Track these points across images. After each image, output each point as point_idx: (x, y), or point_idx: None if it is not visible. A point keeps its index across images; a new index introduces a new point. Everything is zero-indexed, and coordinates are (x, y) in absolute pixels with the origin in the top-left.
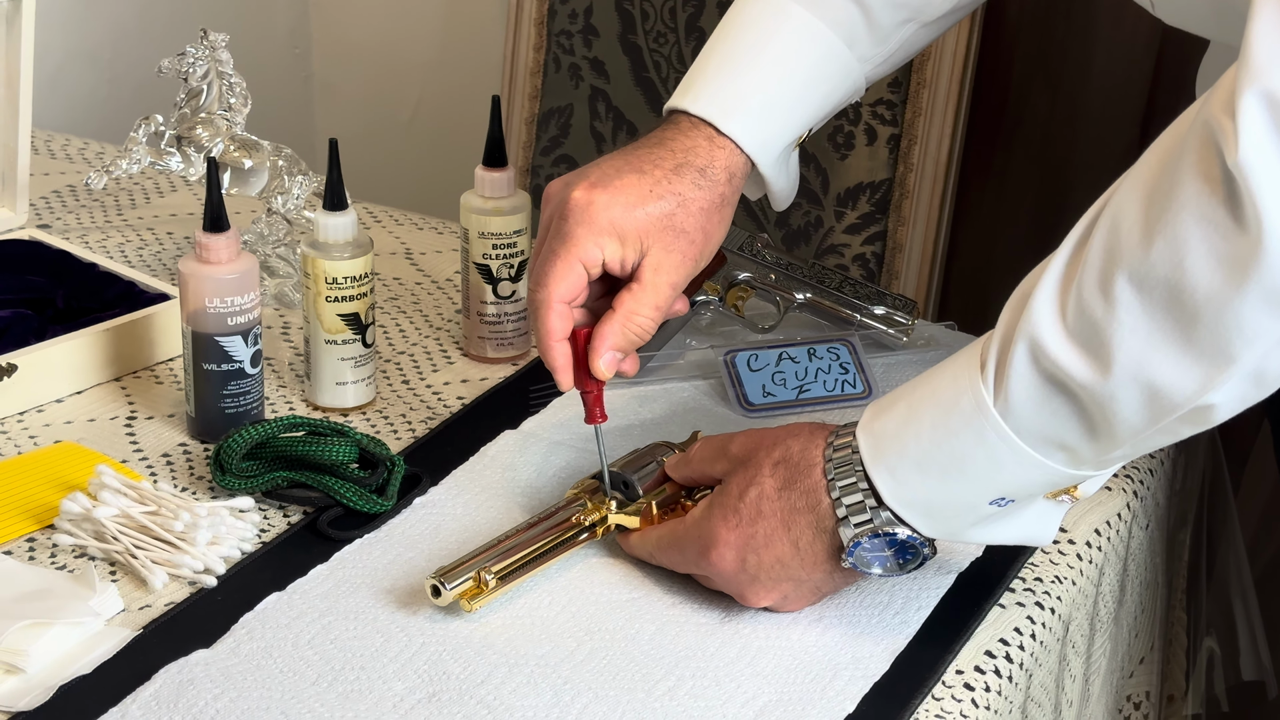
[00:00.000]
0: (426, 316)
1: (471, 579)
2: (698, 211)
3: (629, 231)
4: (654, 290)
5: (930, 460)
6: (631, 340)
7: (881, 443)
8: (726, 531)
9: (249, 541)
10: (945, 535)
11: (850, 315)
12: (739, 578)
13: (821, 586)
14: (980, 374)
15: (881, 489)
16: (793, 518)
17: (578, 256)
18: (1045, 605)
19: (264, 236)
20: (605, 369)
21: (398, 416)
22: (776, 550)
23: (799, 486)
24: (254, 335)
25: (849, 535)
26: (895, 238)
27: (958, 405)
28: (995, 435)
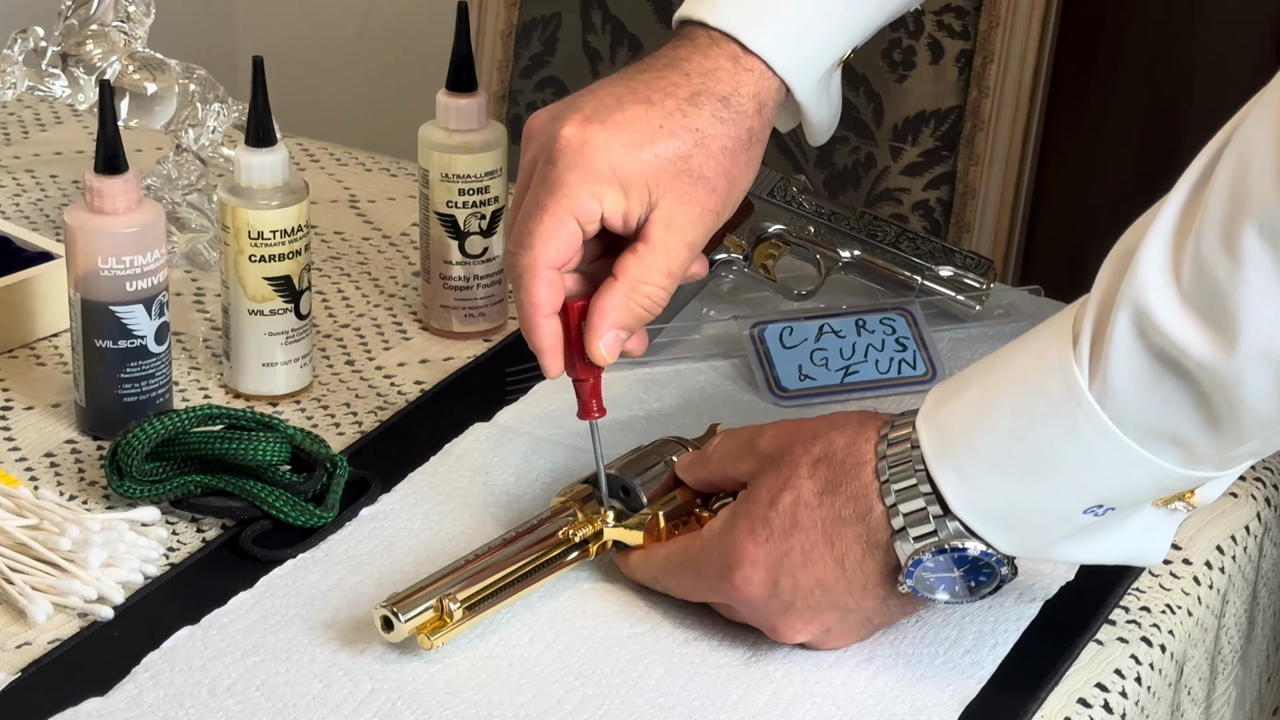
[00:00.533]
0: (376, 281)
1: (432, 609)
2: (719, 152)
3: (634, 178)
4: (666, 252)
5: (1010, 458)
6: (639, 315)
7: (948, 436)
8: (754, 547)
9: (154, 563)
10: (1028, 553)
11: (909, 278)
12: (770, 606)
13: (873, 617)
14: (1072, 350)
15: (948, 494)
16: (837, 530)
17: (570, 210)
18: (1154, 642)
19: (172, 180)
20: (606, 353)
21: (340, 406)
22: (817, 571)
23: (845, 490)
24: (159, 304)
25: (907, 552)
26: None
27: (1044, 389)
28: (1091, 427)
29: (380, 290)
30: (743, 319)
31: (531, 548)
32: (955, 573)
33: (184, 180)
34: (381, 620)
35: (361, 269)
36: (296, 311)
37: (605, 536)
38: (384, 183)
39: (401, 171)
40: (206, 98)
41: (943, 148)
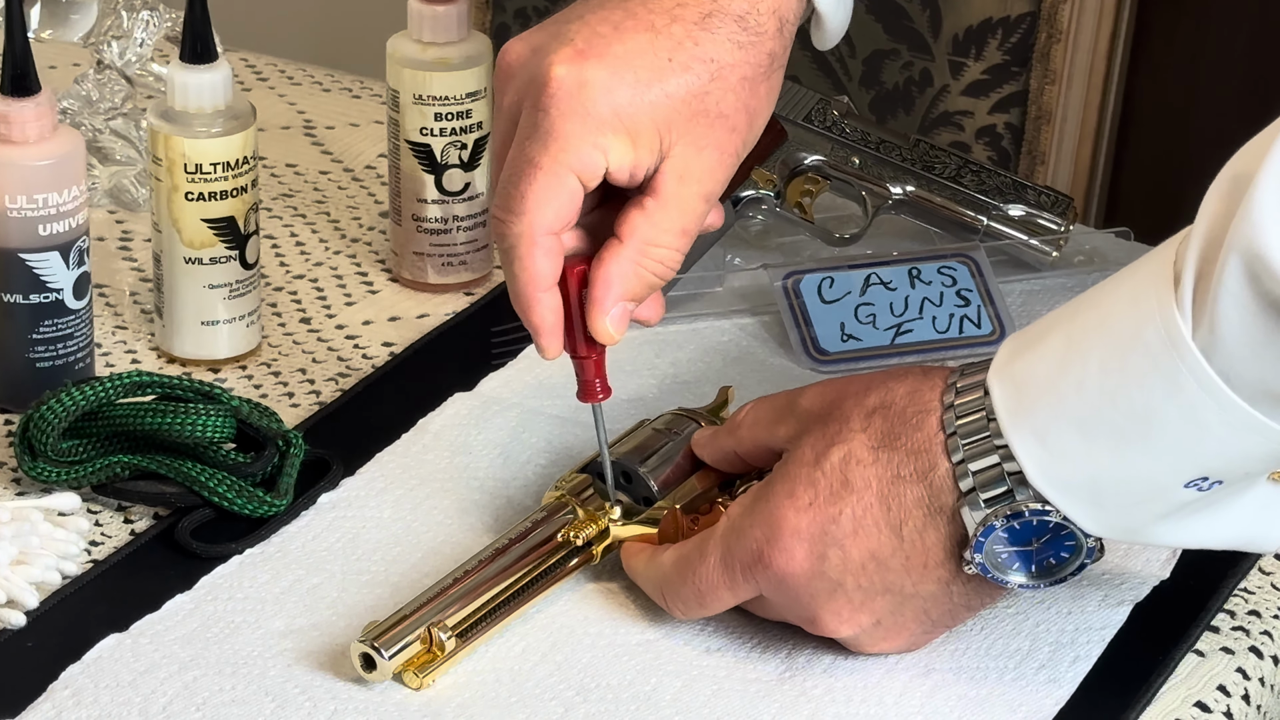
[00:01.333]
0: (337, 223)
1: (419, 640)
2: (739, 84)
3: (643, 124)
4: (680, 207)
5: (1099, 420)
6: (649, 283)
7: (1026, 394)
8: (795, 514)
9: (73, 560)
10: (1120, 535)
11: (973, 219)
12: (813, 586)
13: (931, 608)
14: (1174, 293)
15: (1025, 462)
16: (895, 491)
17: (569, 166)
18: (1265, 652)
19: (92, 103)
20: (614, 329)
21: (295, 373)
22: (870, 541)
23: (905, 444)
24: (78, 251)
25: (977, 519)
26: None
27: (1140, 338)
28: (1195, 383)
29: (341, 235)
30: (774, 268)
31: (527, 556)
32: (1033, 544)
33: (107, 103)
34: (361, 659)
35: (319, 209)
36: (242, 260)
37: (612, 535)
38: (345, 106)
39: (366, 93)
40: (133, 4)
41: (1012, 63)
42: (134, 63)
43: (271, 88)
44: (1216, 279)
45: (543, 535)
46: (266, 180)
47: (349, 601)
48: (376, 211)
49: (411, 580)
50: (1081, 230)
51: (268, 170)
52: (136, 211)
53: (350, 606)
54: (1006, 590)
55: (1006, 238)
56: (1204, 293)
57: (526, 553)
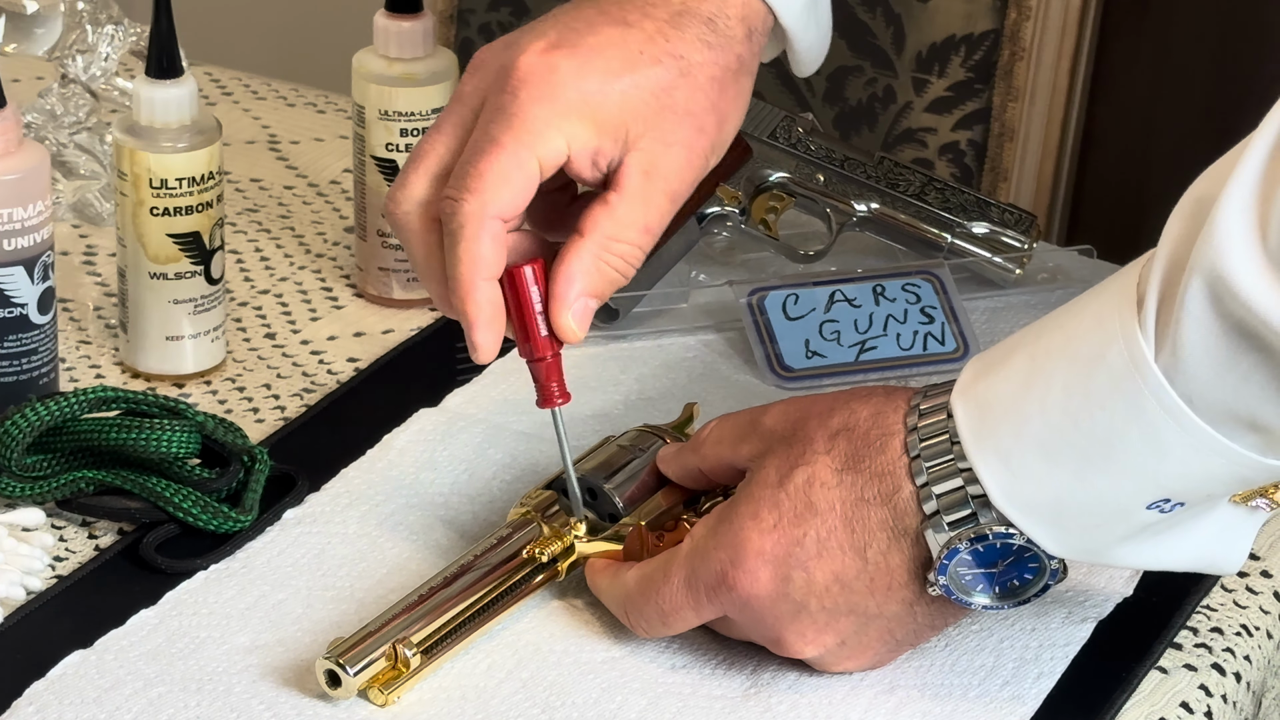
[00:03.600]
0: (302, 239)
1: (385, 657)
2: (707, 83)
3: (608, 111)
4: (644, 202)
5: (1063, 442)
6: (611, 280)
7: (990, 416)
8: (760, 536)
9: (37, 575)
10: (1083, 556)
11: (937, 236)
12: (778, 609)
13: (895, 628)
14: (1136, 315)
15: (989, 483)
16: (859, 513)
17: (531, 149)
18: (1227, 669)
19: (57, 117)
20: (577, 324)
21: (260, 388)
22: (835, 563)
23: (868, 467)
24: (42, 266)
25: (941, 542)
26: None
27: (1103, 360)
28: (1157, 405)
29: (306, 250)
30: (739, 285)
31: (493, 573)
32: (997, 566)
33: (71, 117)
34: (326, 676)
35: (284, 224)
36: (207, 275)
37: (578, 552)
38: (310, 121)
39: (331, 107)
40: (98, 18)
41: (975, 80)
42: (99, 77)
43: (236, 102)
44: (1179, 301)
45: (508, 551)
46: (231, 195)
47: (314, 617)
48: (341, 227)
49: (377, 595)
50: (1045, 248)
51: (233, 185)
52: (101, 226)
53: (316, 622)
54: (970, 610)
55: (970, 255)
56: (1167, 314)
57: (492, 569)
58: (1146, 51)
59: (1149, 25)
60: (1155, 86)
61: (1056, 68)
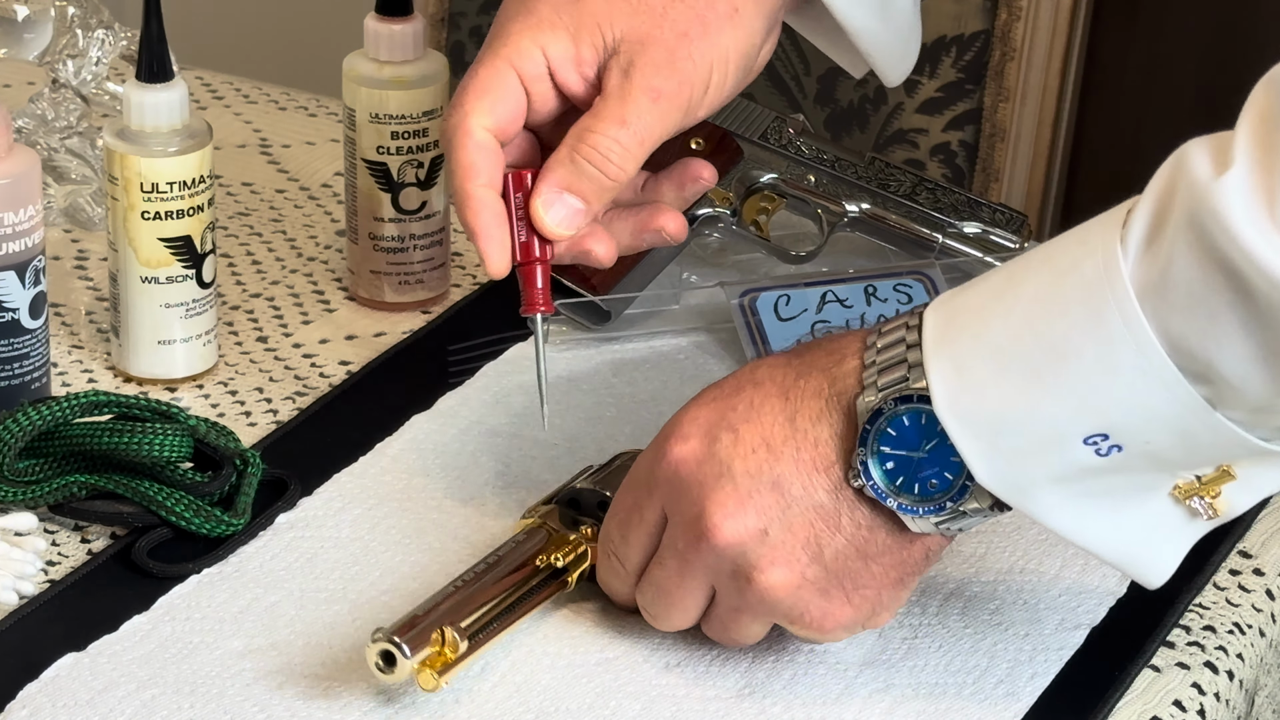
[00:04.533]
0: (293, 242)
1: (434, 640)
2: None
3: (583, 19)
4: (621, 97)
5: (1016, 349)
6: (591, 176)
7: (955, 321)
8: (697, 407)
9: (30, 579)
10: (1009, 490)
11: (928, 236)
12: (702, 470)
13: (816, 521)
14: (1120, 230)
15: (936, 391)
16: (797, 384)
17: (508, 60)
18: (1220, 668)
19: (48, 122)
20: (553, 221)
21: (252, 392)
22: (763, 426)
23: (818, 352)
24: (33, 271)
25: (870, 404)
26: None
27: (1077, 270)
28: (1120, 319)
29: (298, 253)
30: (730, 286)
31: (515, 573)
32: (920, 450)
33: (62, 122)
34: (380, 655)
35: (275, 228)
36: (198, 279)
37: (590, 559)
38: (301, 124)
39: (322, 111)
40: (89, 23)
41: (966, 80)
42: (89, 81)
43: (227, 106)
44: (1169, 228)
45: (525, 554)
46: (223, 199)
47: (307, 620)
48: (333, 230)
49: (370, 599)
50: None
51: (224, 189)
52: (93, 230)
53: (308, 625)
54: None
55: (962, 255)
56: (1153, 238)
57: (514, 569)
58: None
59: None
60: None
61: (1047, 68)
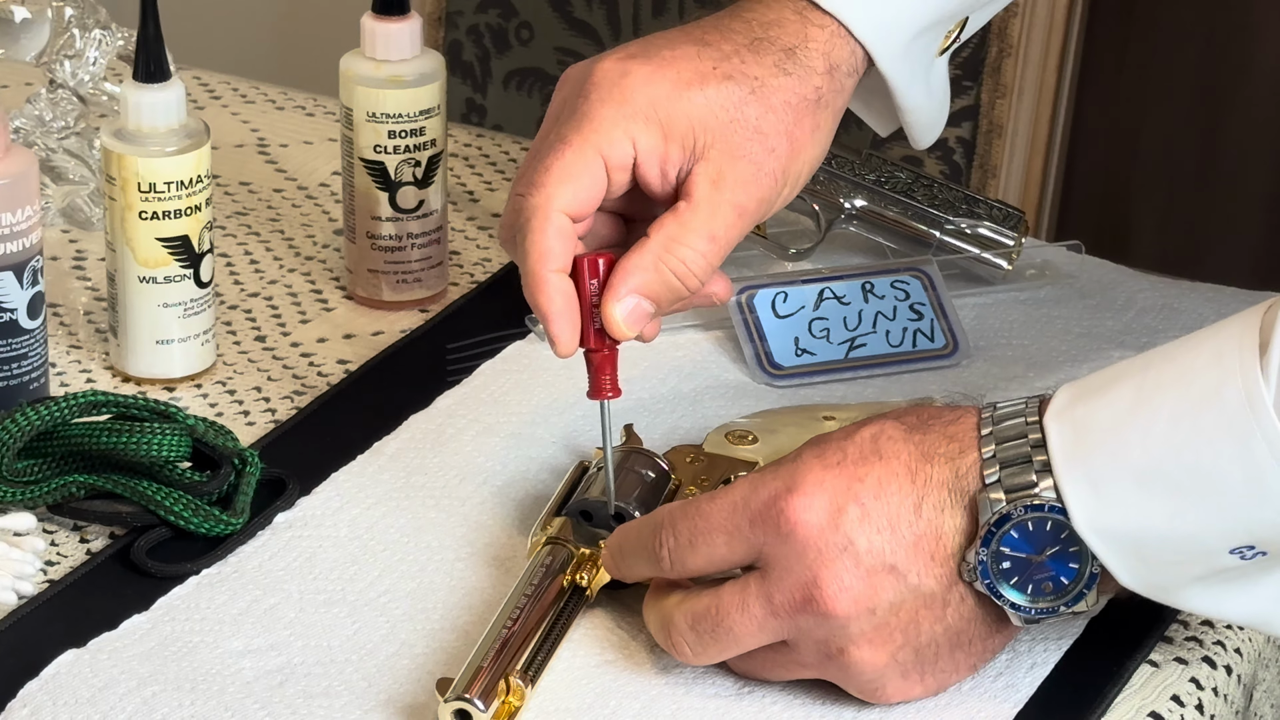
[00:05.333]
0: (291, 241)
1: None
2: (780, 106)
3: (678, 120)
4: (711, 211)
5: (1161, 473)
6: (669, 285)
7: (1087, 438)
8: (823, 469)
9: (29, 579)
10: (1152, 591)
11: (925, 233)
12: (824, 539)
13: (924, 619)
14: (1259, 358)
15: (1074, 508)
16: (923, 468)
17: (597, 147)
18: (1218, 662)
19: (45, 123)
20: (624, 322)
21: (250, 391)
22: (890, 507)
23: (938, 430)
24: (31, 271)
25: (996, 508)
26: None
27: (1219, 396)
28: (1268, 450)
29: (296, 252)
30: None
31: (552, 603)
32: (1041, 555)
33: (60, 122)
34: (455, 715)
35: (273, 227)
36: (196, 278)
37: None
38: (299, 123)
39: (319, 110)
40: (85, 23)
41: (964, 77)
42: (87, 82)
43: (225, 106)
44: None
45: (555, 579)
46: (220, 199)
47: (307, 621)
48: (331, 229)
49: (369, 599)
50: (1033, 244)
51: (222, 188)
52: (90, 230)
53: (308, 626)
54: (1000, 637)
55: (959, 252)
56: None
57: (539, 597)
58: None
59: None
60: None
61: (1044, 64)
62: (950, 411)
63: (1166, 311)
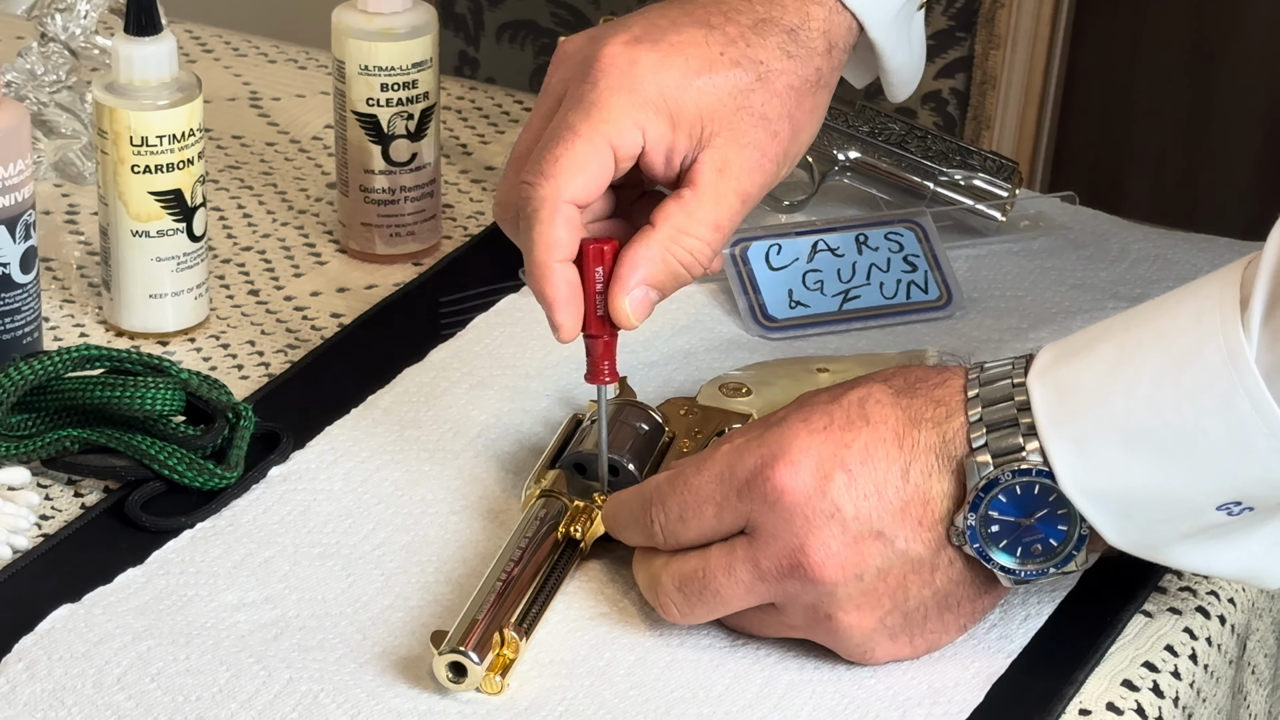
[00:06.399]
0: (284, 195)
1: (495, 643)
2: (785, 90)
3: (686, 109)
4: (716, 199)
5: (1145, 433)
6: (675, 274)
7: (1070, 399)
8: (809, 435)
9: (23, 534)
10: (1139, 549)
11: (919, 184)
12: (811, 506)
13: (911, 584)
14: (1239, 315)
15: (1059, 467)
16: (910, 433)
17: (607, 137)
18: (1211, 613)
19: (37, 77)
20: (632, 313)
21: (243, 345)
22: (878, 473)
23: (925, 394)
24: (24, 225)
25: (983, 472)
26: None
27: (1200, 355)
28: (1251, 406)
29: (289, 206)
30: None
31: (546, 556)
32: (1030, 518)
33: (52, 76)
34: (450, 669)
35: (266, 180)
36: (189, 232)
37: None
38: (291, 77)
39: (312, 63)
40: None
41: (957, 28)
42: (78, 35)
43: (217, 59)
44: None
45: (549, 533)
46: (213, 152)
47: (301, 575)
48: (324, 183)
49: (364, 552)
50: (1027, 195)
51: (214, 142)
52: (83, 185)
53: (303, 579)
54: (989, 598)
55: (953, 203)
56: (1274, 320)
57: (544, 552)
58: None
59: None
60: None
61: (1038, 15)
62: (937, 373)
63: (1160, 262)
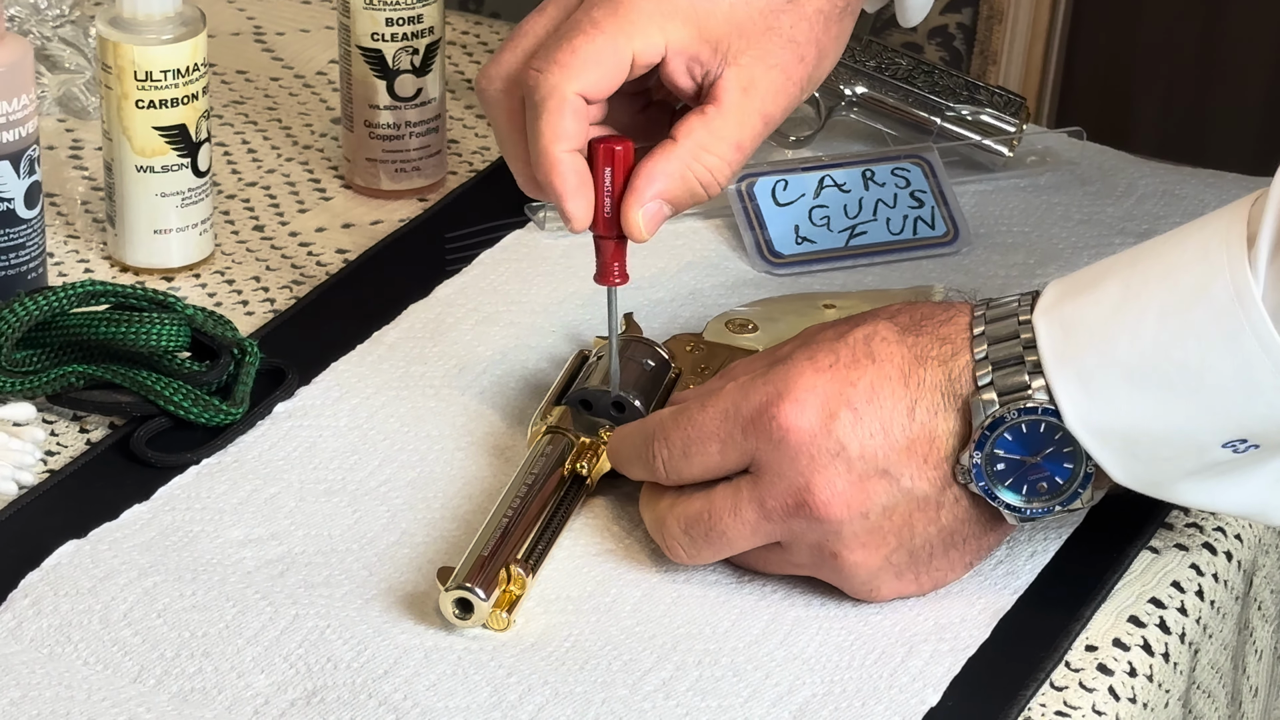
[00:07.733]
0: (289, 130)
1: (501, 579)
2: (814, 14)
3: (713, 23)
4: (740, 119)
5: (1150, 370)
6: (692, 190)
7: (1075, 336)
8: (815, 373)
9: (29, 469)
10: (1145, 486)
11: (926, 119)
12: (816, 445)
13: (917, 522)
14: (1246, 252)
15: (1064, 404)
16: (916, 371)
17: (629, 37)
18: (1218, 549)
19: (40, 10)
20: (644, 224)
21: (248, 280)
22: (884, 411)
23: (931, 331)
24: (28, 160)
25: (989, 410)
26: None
27: (1206, 292)
28: (1256, 343)
29: (294, 141)
30: None
31: (553, 492)
32: (1035, 456)
33: (55, 10)
34: (456, 605)
35: (270, 116)
36: (194, 167)
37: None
38: (295, 11)
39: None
40: None
41: None
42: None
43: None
44: None
45: (555, 468)
46: (217, 87)
47: (307, 511)
48: (329, 118)
49: (369, 488)
50: (1034, 130)
51: (218, 77)
52: (87, 120)
53: (309, 515)
54: (994, 535)
55: (960, 138)
56: None
57: (550, 488)
58: None
59: None
60: None
61: None
62: (943, 310)
63: (1167, 198)
